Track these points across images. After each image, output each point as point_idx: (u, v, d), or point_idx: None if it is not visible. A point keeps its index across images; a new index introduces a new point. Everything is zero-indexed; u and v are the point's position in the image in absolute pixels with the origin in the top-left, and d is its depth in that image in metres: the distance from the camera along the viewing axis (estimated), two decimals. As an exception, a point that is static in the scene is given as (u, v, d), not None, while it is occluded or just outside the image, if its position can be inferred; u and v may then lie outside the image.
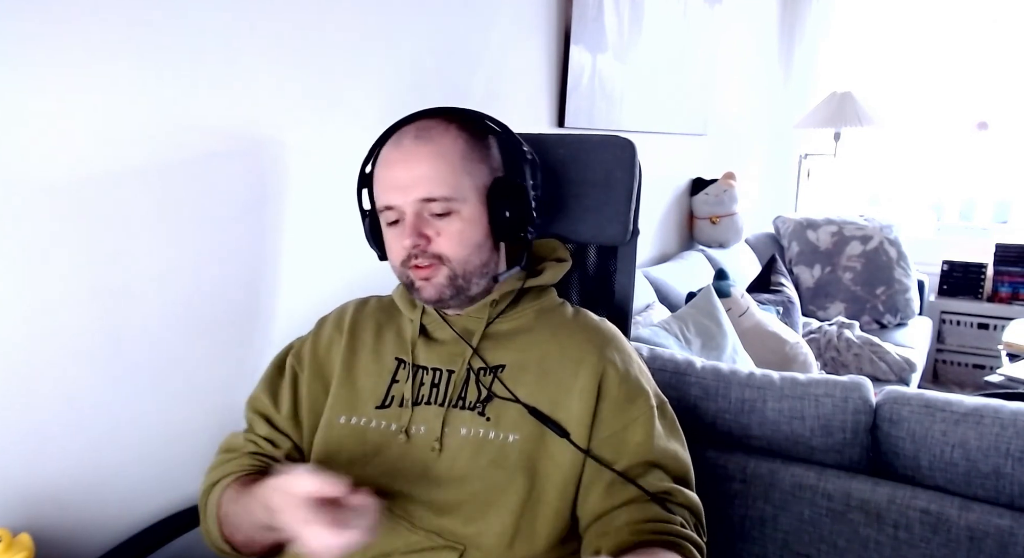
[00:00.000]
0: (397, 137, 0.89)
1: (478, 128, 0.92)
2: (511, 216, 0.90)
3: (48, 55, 0.89)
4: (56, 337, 0.95)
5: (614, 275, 1.17)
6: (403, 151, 0.87)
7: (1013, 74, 3.70)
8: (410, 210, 0.86)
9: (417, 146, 0.87)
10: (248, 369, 1.22)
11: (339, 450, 0.91)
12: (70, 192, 0.94)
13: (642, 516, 0.82)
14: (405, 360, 0.94)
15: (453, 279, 0.88)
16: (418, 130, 0.88)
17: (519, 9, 1.84)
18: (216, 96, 1.10)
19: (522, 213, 0.90)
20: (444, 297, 0.89)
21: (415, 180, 0.86)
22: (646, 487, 0.84)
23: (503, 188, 0.90)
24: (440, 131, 0.88)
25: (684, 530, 0.82)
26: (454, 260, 0.88)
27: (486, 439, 0.86)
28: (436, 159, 0.86)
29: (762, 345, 2.23)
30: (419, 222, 0.86)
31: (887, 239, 3.33)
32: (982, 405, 1.17)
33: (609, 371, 0.89)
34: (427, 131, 0.88)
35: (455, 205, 0.87)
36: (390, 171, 0.88)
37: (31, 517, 0.94)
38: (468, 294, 0.91)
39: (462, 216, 0.87)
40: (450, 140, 0.88)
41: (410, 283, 0.90)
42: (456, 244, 0.87)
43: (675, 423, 0.93)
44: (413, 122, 0.90)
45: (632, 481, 0.84)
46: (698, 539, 0.83)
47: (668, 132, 2.87)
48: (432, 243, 0.87)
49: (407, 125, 0.90)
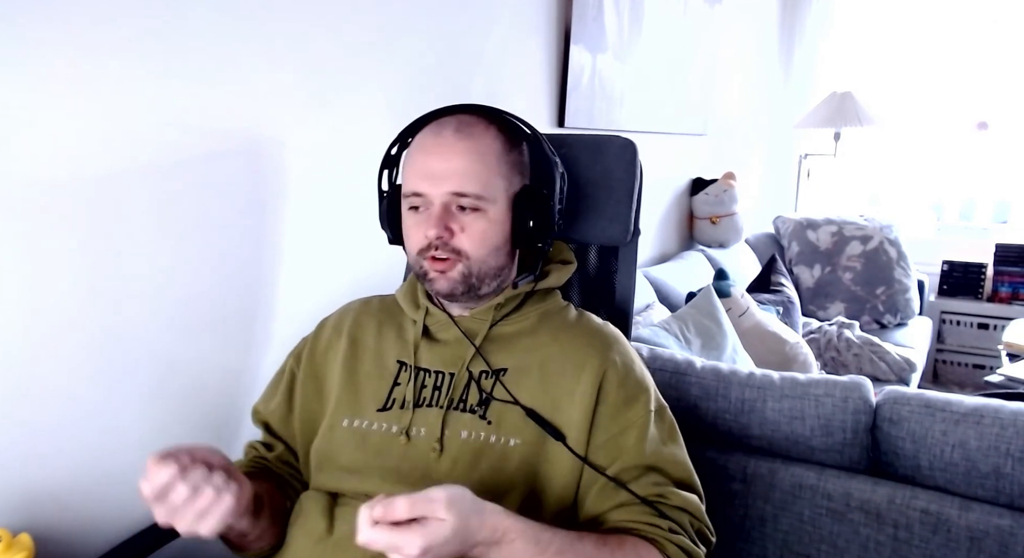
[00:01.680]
0: (437, 127, 0.89)
1: (515, 133, 0.93)
2: (533, 225, 0.90)
3: (48, 55, 0.89)
4: (56, 337, 0.95)
5: (615, 275, 1.17)
6: (442, 141, 0.87)
7: (1013, 74, 3.70)
8: (439, 201, 0.86)
9: (457, 139, 0.87)
10: (248, 369, 1.22)
11: (340, 453, 0.91)
12: (70, 192, 0.94)
13: (630, 518, 0.83)
14: (407, 363, 0.94)
15: (467, 277, 0.88)
16: (460, 123, 0.88)
17: (519, 9, 1.84)
18: (216, 96, 1.10)
19: (544, 223, 0.91)
20: (456, 292, 0.89)
21: (450, 172, 0.86)
22: (638, 491, 0.84)
23: (529, 197, 0.91)
24: (481, 129, 0.88)
25: (672, 534, 0.82)
26: (473, 258, 0.88)
27: (487, 443, 0.86)
28: (474, 156, 0.86)
29: (762, 345, 2.23)
30: (446, 215, 0.86)
31: (887, 239, 3.33)
32: (982, 405, 1.17)
33: (609, 375, 0.89)
34: (469, 126, 0.88)
35: (484, 204, 0.87)
36: (426, 159, 0.87)
37: (31, 517, 0.94)
38: (478, 293, 0.91)
39: (488, 216, 0.88)
40: (490, 139, 0.88)
41: (423, 273, 0.90)
42: (478, 243, 0.88)
43: (674, 427, 0.93)
44: (455, 114, 0.90)
45: (622, 485, 0.84)
46: (688, 544, 0.83)
47: (668, 132, 2.87)
48: (455, 237, 0.87)
49: (448, 116, 0.90)
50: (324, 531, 0.86)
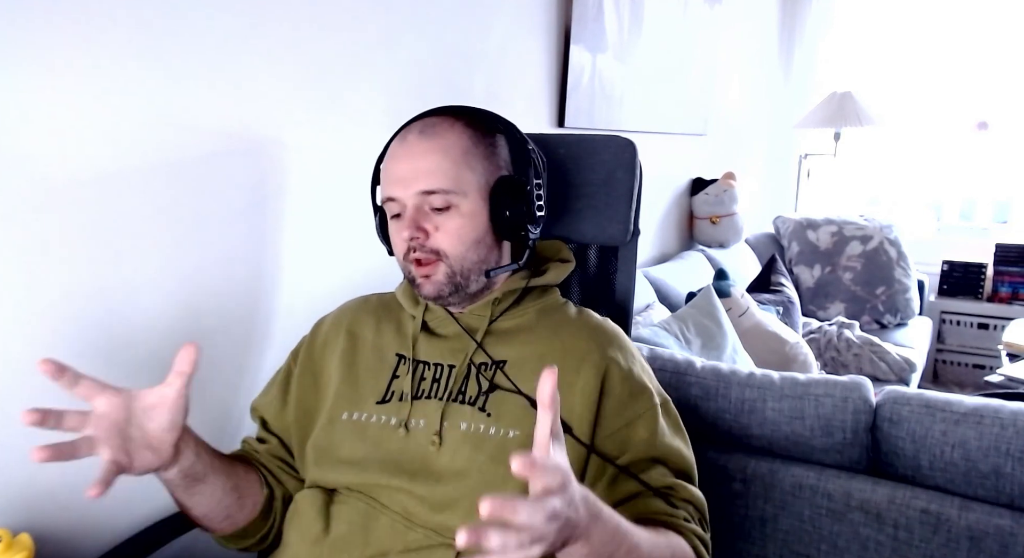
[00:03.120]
0: (404, 134, 0.92)
1: (485, 126, 0.94)
2: (511, 213, 0.91)
3: (49, 55, 0.89)
4: (56, 337, 0.95)
5: (614, 275, 1.17)
6: (407, 146, 0.90)
7: (1013, 74, 3.70)
8: (410, 203, 0.88)
9: (420, 141, 0.89)
10: (248, 369, 1.22)
11: (339, 446, 0.91)
12: (70, 192, 0.94)
13: (645, 510, 0.84)
14: (405, 356, 0.94)
15: (451, 277, 0.89)
16: (423, 126, 0.91)
17: (519, 9, 1.84)
18: (217, 96, 1.10)
19: (522, 211, 0.91)
20: (443, 294, 0.90)
21: (416, 173, 0.88)
22: (649, 482, 0.85)
23: (505, 185, 0.91)
24: (445, 127, 0.90)
25: (688, 523, 0.83)
26: (452, 256, 0.89)
27: (486, 435, 0.87)
28: (437, 153, 0.88)
29: (762, 345, 2.23)
30: (418, 215, 0.88)
31: (887, 239, 3.33)
32: (982, 405, 1.17)
33: (612, 369, 0.90)
34: (432, 127, 0.90)
35: (454, 199, 0.88)
36: (395, 164, 0.90)
37: (31, 517, 0.94)
38: (467, 291, 0.91)
39: (461, 211, 0.89)
40: (454, 136, 0.90)
41: (412, 278, 0.92)
42: (454, 239, 0.89)
43: (678, 420, 0.94)
44: (421, 119, 0.93)
45: (634, 476, 0.85)
46: (702, 533, 0.85)
47: (668, 132, 2.87)
48: (431, 237, 0.88)
49: (415, 122, 0.93)
50: (320, 531, 0.86)
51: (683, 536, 0.82)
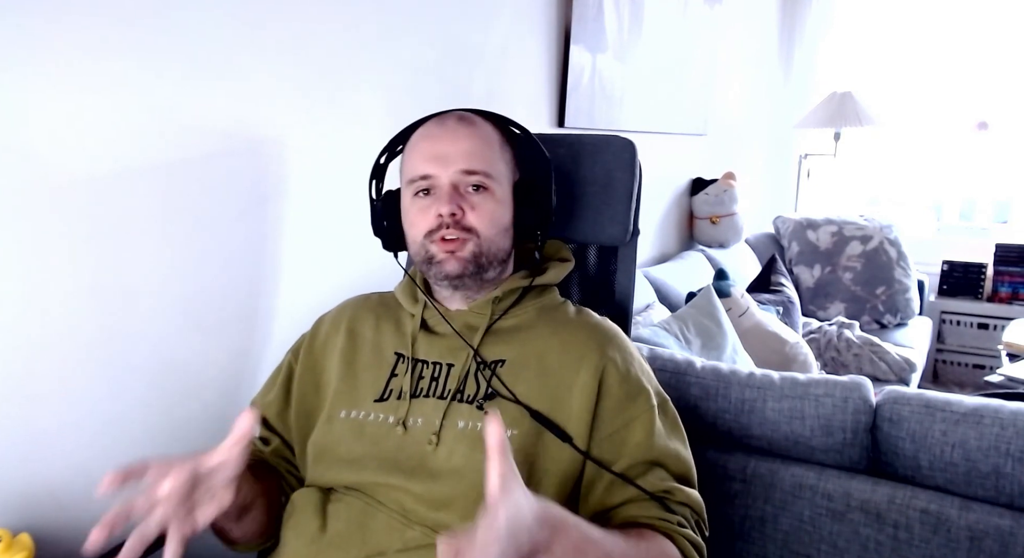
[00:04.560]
0: (439, 119, 0.94)
1: (510, 130, 0.99)
2: (534, 215, 0.95)
3: (49, 55, 0.89)
4: (56, 337, 0.95)
5: (614, 275, 1.17)
6: (447, 127, 0.92)
7: (1013, 74, 3.70)
8: (449, 181, 0.90)
9: (461, 125, 0.93)
10: (248, 369, 1.22)
11: (337, 444, 0.91)
12: (70, 192, 0.94)
13: (641, 514, 0.83)
14: (404, 354, 0.94)
15: (477, 256, 0.90)
16: (461, 115, 0.94)
17: (519, 9, 1.84)
18: (217, 96, 1.10)
19: (543, 215, 0.95)
20: (465, 273, 0.90)
21: (458, 152, 0.90)
22: (646, 487, 0.85)
23: (529, 187, 0.95)
24: (480, 120, 0.95)
25: (682, 528, 0.83)
26: (483, 236, 0.90)
27: (484, 433, 0.86)
28: (479, 139, 0.92)
29: (762, 345, 2.23)
30: (457, 194, 0.90)
31: (887, 239, 3.33)
32: (982, 405, 1.17)
33: (610, 369, 0.90)
34: (469, 117, 0.94)
35: (491, 183, 0.91)
36: (433, 143, 0.92)
37: (31, 517, 0.94)
38: (484, 276, 0.92)
39: (495, 197, 0.92)
40: (490, 129, 0.95)
41: (430, 257, 0.91)
42: (488, 221, 0.91)
43: (677, 421, 0.93)
44: (451, 112, 0.96)
45: (631, 481, 0.85)
46: (696, 538, 0.84)
47: (668, 132, 2.87)
48: (466, 216, 0.90)
49: (445, 114, 0.95)
50: (317, 530, 0.86)
51: (674, 541, 0.81)
